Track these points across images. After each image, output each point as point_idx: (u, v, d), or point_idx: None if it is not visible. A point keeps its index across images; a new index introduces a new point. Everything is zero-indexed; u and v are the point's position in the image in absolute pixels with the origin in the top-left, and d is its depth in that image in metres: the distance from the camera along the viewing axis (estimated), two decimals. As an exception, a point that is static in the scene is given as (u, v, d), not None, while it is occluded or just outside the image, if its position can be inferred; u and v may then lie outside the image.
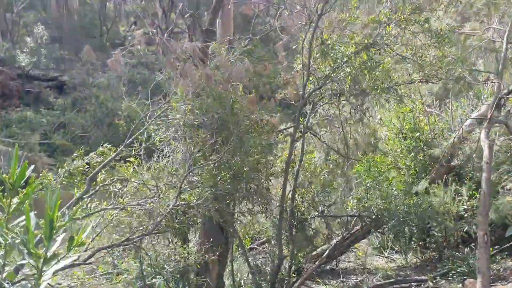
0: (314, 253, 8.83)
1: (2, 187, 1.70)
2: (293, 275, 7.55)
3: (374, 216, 7.58)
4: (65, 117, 26.15)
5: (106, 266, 7.90)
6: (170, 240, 6.88)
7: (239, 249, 8.63)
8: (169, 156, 6.29)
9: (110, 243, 6.10)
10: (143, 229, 5.87)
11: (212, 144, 5.83)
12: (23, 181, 1.69)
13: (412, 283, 7.81)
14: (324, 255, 7.62)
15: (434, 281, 7.66)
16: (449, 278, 7.70)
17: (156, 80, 9.76)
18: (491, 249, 7.03)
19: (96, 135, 23.50)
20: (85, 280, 7.60)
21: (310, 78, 6.84)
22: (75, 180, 6.17)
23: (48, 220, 1.57)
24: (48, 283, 6.10)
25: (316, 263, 7.48)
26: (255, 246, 10.53)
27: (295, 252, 7.43)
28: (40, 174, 6.92)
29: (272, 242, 9.59)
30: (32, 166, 1.71)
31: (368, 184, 7.46)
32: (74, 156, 6.81)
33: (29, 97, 27.02)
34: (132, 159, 6.35)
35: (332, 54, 6.34)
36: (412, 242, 9.36)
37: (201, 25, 7.59)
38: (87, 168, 6.61)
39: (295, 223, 7.75)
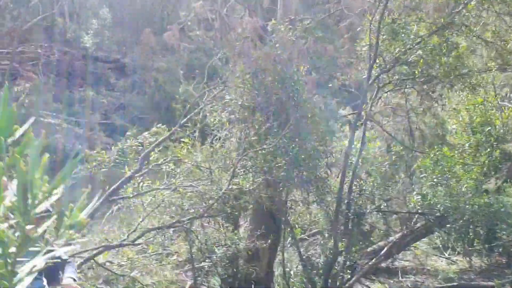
0: (369, 249, 8.38)
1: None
2: (347, 271, 7.15)
3: (438, 214, 7.01)
4: (124, 98, 26.75)
5: (156, 247, 7.85)
6: (221, 225, 6.68)
7: (290, 238, 8.32)
8: (223, 139, 6.05)
9: (160, 224, 5.98)
10: (194, 212, 5.70)
11: (269, 127, 5.52)
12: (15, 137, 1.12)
13: (477, 289, 7.22)
14: (382, 252, 7.16)
15: (503, 289, 7.03)
16: (520, 286, 7.04)
17: (214, 59, 9.51)
18: None
19: (154, 118, 23.78)
20: (135, 259, 7.57)
21: (377, 61, 6.35)
22: (128, 159, 6.08)
23: (21, 184, 0.99)
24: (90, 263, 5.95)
25: (373, 260, 7.05)
26: (306, 237, 10.18)
27: (350, 247, 7.02)
28: (95, 151, 6.91)
29: (325, 234, 9.20)
30: (32, 120, 1.15)
31: (435, 180, 6.90)
32: (127, 135, 6.75)
33: (92, 77, 27.84)
34: (186, 139, 6.18)
35: (403, 34, 5.82)
36: (476, 244, 8.70)
37: (262, 3, 7.27)
38: (140, 147, 6.51)
39: (351, 216, 7.32)
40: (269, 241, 6.53)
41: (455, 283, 7.57)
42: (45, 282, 3.39)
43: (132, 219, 6.58)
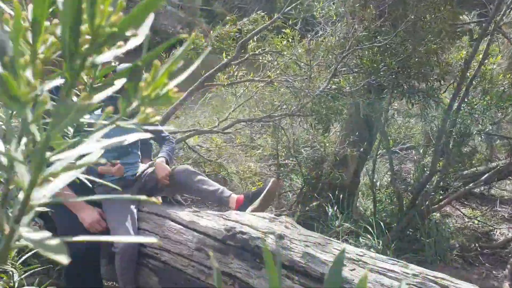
0: (465, 172, 7.77)
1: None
2: (440, 191, 6.71)
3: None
4: (225, -15, 26.06)
5: (243, 138, 7.88)
6: (312, 125, 6.41)
7: (382, 149, 7.92)
8: (328, 33, 5.50)
9: (250, 116, 5.84)
10: (286, 108, 5.45)
11: (381, 24, 4.88)
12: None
13: None
14: (483, 177, 6.56)
15: None
16: None
17: None
18: None
19: (254, 9, 23.11)
20: (222, 147, 7.69)
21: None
22: (225, 46, 5.81)
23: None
24: (186, 143, 6.05)
25: (471, 184, 6.49)
26: (397, 150, 9.72)
27: (448, 167, 6.49)
28: (193, 34, 6.72)
29: (420, 150, 8.67)
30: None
31: None
32: (226, 19, 6.43)
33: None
34: (287, 31, 5.73)
35: None
36: None
37: None
38: (238, 35, 6.20)
39: (454, 135, 6.68)
40: (361, 149, 6.19)
41: (559, 223, 6.88)
42: (140, 156, 3.40)
43: (223, 108, 6.53)
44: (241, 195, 3.11)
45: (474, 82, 6.47)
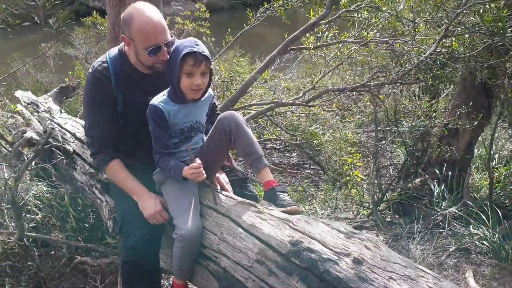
0: None
1: None
2: None
3: None
4: None
5: (338, 104, 7.21)
6: (416, 94, 5.52)
7: (503, 119, 6.74)
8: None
9: (343, 84, 5.13)
10: (385, 76, 4.65)
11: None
12: None
13: None
14: None
15: None
16: None
17: None
18: None
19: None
20: (316, 112, 7.09)
21: None
22: (315, 1, 5.08)
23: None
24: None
25: None
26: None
27: None
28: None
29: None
30: None
31: None
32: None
33: None
34: (388, -19, 4.81)
35: None
36: None
37: None
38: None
39: None
40: (475, 122, 5.21)
41: None
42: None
43: (313, 73, 5.86)
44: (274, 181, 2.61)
45: None
